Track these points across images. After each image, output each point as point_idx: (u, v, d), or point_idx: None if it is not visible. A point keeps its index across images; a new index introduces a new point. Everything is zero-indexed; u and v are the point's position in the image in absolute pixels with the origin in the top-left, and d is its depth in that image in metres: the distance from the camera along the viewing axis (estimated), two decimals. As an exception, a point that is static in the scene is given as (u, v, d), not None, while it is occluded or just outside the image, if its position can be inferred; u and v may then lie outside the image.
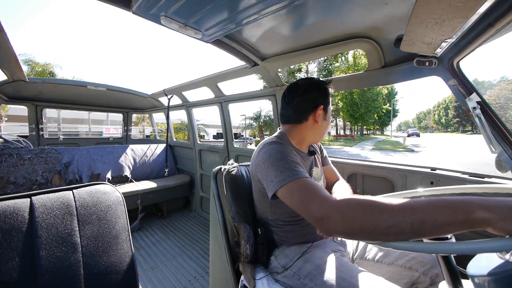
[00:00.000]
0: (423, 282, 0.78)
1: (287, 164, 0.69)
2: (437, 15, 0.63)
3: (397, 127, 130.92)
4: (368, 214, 0.46)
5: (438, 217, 0.41)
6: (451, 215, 0.40)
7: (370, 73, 1.28)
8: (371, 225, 0.45)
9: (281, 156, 0.71)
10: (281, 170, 0.67)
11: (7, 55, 1.50)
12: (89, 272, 0.65)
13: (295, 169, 0.66)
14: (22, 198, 0.63)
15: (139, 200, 2.53)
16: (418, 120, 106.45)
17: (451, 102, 74.77)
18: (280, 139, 0.84)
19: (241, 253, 0.97)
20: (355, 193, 1.54)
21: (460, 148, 18.78)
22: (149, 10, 0.91)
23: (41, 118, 3.19)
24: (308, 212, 0.56)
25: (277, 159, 0.71)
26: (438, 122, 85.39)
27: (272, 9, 0.88)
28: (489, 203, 0.39)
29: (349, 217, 0.48)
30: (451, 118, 73.82)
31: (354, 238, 0.50)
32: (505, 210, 0.38)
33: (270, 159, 0.73)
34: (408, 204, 0.44)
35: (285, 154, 0.72)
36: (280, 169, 0.68)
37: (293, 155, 0.75)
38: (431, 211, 0.42)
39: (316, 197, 0.57)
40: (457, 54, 0.89)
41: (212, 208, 1.08)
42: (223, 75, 1.99)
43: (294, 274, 0.81)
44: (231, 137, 2.49)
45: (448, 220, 0.41)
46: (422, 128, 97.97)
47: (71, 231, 0.65)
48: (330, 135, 27.86)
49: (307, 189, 0.60)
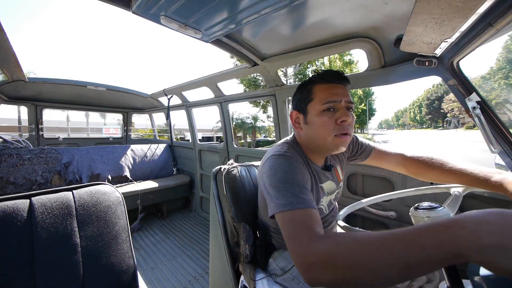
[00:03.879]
0: (419, 279, 0.78)
1: (291, 188, 0.61)
2: (437, 15, 0.63)
3: (378, 125, 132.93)
4: (353, 270, 0.39)
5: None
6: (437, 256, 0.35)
7: (370, 73, 1.28)
8: (355, 279, 0.40)
9: (286, 177, 0.63)
10: (283, 194, 0.60)
11: (7, 55, 1.50)
12: (89, 272, 0.65)
13: (297, 196, 0.59)
14: (21, 199, 0.63)
15: (139, 201, 2.53)
16: (397, 118, 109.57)
17: (424, 100, 77.54)
18: (290, 148, 0.75)
19: (241, 253, 0.97)
20: (354, 193, 1.54)
21: (419, 143, 21.05)
22: (149, 9, 0.91)
23: (40, 118, 3.19)
24: (294, 252, 0.49)
25: (281, 179, 0.63)
26: (414, 119, 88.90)
27: (272, 9, 0.88)
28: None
29: (332, 271, 0.41)
30: (424, 115, 76.71)
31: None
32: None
33: (274, 178, 0.64)
34: (398, 257, 0.37)
35: (291, 175, 0.63)
36: (282, 192, 0.61)
37: (300, 173, 0.65)
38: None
39: (305, 237, 0.49)
40: (457, 54, 0.89)
41: (212, 208, 1.08)
42: (223, 75, 1.99)
43: (294, 278, 0.80)
44: (231, 137, 2.49)
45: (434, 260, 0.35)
46: (400, 125, 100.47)
47: (71, 232, 0.65)
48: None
49: (300, 224, 0.53)
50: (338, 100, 0.69)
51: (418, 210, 0.55)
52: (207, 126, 22.83)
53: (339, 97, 0.70)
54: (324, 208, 0.83)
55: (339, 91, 0.71)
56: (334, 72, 0.74)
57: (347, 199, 1.51)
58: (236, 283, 0.98)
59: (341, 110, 0.70)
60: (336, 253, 0.41)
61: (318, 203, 0.79)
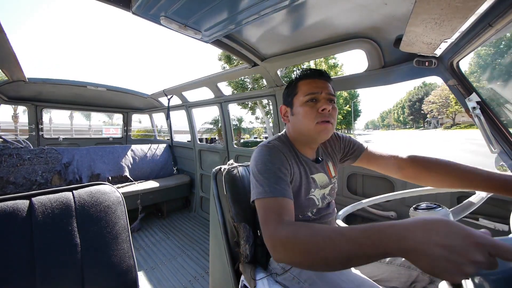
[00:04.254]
0: (421, 280, 0.78)
1: (267, 178, 0.68)
2: (436, 15, 0.64)
3: (365, 126, 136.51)
4: (304, 254, 0.49)
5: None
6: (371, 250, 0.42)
7: (370, 73, 1.28)
8: (307, 262, 0.50)
9: (265, 168, 0.70)
10: (260, 183, 0.68)
11: (7, 55, 1.50)
12: (89, 272, 0.65)
13: (271, 186, 0.66)
14: (21, 199, 0.63)
15: (139, 200, 2.53)
16: (382, 118, 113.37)
17: (406, 102, 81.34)
18: (278, 140, 0.82)
19: (241, 253, 0.97)
20: (356, 193, 1.54)
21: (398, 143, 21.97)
22: (149, 10, 0.91)
23: (41, 119, 3.19)
24: (264, 234, 0.58)
25: (260, 170, 0.70)
26: (398, 120, 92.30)
27: (272, 9, 0.88)
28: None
29: (289, 256, 0.52)
30: (407, 116, 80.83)
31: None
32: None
33: (255, 168, 0.72)
34: (339, 245, 0.45)
35: (270, 165, 0.70)
36: (259, 181, 0.68)
37: (281, 164, 0.72)
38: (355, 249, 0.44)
39: (272, 222, 0.58)
40: (456, 54, 0.89)
41: (212, 208, 1.08)
42: (223, 75, 1.99)
43: (294, 277, 0.80)
44: (231, 137, 2.49)
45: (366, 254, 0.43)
46: (385, 126, 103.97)
47: (71, 232, 0.65)
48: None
49: (271, 211, 0.61)
50: (319, 91, 0.77)
51: (417, 210, 0.55)
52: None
53: (320, 89, 0.77)
54: (316, 199, 0.85)
55: (320, 85, 0.79)
56: (316, 70, 0.82)
57: (347, 199, 1.51)
58: (236, 283, 0.98)
59: (322, 100, 0.77)
60: (294, 241, 0.51)
61: (308, 193, 0.83)
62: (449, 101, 46.83)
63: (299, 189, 0.80)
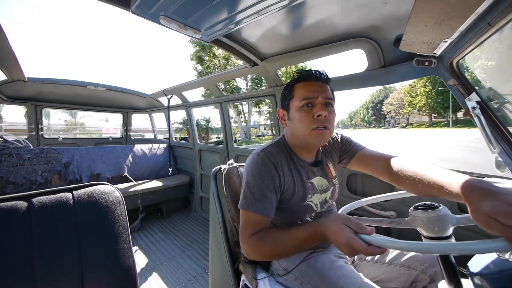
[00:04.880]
0: (422, 280, 0.78)
1: (254, 192, 0.75)
2: (436, 15, 0.63)
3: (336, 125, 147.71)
4: (267, 255, 0.75)
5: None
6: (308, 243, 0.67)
7: (369, 73, 1.28)
8: (271, 258, 0.81)
9: (254, 181, 0.76)
10: (246, 195, 0.77)
11: (6, 54, 1.50)
12: (88, 272, 0.65)
13: (255, 203, 0.75)
14: (21, 199, 0.63)
15: (139, 200, 2.53)
16: (350, 118, 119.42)
17: (370, 103, 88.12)
18: (274, 147, 0.83)
19: (241, 253, 0.97)
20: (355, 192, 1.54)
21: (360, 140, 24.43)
22: (149, 9, 0.91)
23: (40, 118, 3.19)
24: (240, 238, 0.77)
25: (249, 182, 0.77)
26: (363, 120, 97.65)
27: (272, 9, 0.88)
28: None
29: (258, 256, 0.75)
30: (370, 116, 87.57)
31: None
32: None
33: (247, 177, 0.78)
34: (281, 246, 0.70)
35: (259, 180, 0.75)
36: (246, 193, 0.77)
37: (269, 180, 0.76)
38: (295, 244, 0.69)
39: (245, 233, 0.75)
40: (456, 53, 0.89)
41: (212, 208, 1.08)
42: (223, 75, 1.99)
43: (297, 278, 0.80)
44: (230, 137, 2.49)
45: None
46: (353, 125, 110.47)
47: (71, 232, 0.65)
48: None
49: (245, 222, 0.76)
50: (315, 96, 0.75)
51: (417, 210, 0.55)
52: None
53: (316, 94, 0.75)
54: (314, 205, 0.84)
55: (316, 88, 0.76)
56: (313, 71, 0.80)
57: (347, 199, 1.51)
58: (236, 282, 0.98)
59: (318, 106, 0.75)
60: (258, 249, 0.73)
61: (305, 199, 0.82)
62: (403, 103, 49.36)
63: (292, 196, 0.80)
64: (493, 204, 0.40)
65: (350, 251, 0.52)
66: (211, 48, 18.24)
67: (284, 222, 0.85)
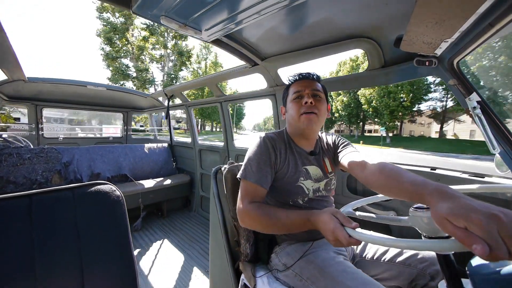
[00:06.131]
0: (422, 278, 0.78)
1: (250, 164, 0.86)
2: (437, 15, 0.63)
3: (253, 127, 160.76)
4: (260, 225, 0.79)
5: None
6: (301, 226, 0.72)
7: (370, 73, 1.28)
8: (262, 229, 0.80)
9: (253, 156, 0.88)
10: (245, 167, 0.87)
11: (7, 54, 1.50)
12: (88, 272, 0.65)
13: (251, 171, 0.85)
14: (21, 198, 0.63)
15: (140, 199, 2.53)
16: (264, 123, 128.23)
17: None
18: (274, 133, 0.97)
19: (241, 252, 0.97)
20: (354, 192, 1.54)
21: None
22: (149, 10, 0.91)
23: (40, 118, 3.19)
24: (237, 206, 0.83)
25: (249, 157, 0.89)
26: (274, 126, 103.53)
27: (272, 9, 0.87)
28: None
29: (251, 223, 0.80)
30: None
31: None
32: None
33: (247, 154, 0.90)
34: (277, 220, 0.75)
35: (259, 154, 0.88)
36: (245, 165, 0.88)
37: (267, 154, 0.88)
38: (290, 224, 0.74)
39: (244, 200, 0.82)
40: (457, 54, 0.89)
41: (212, 208, 1.08)
42: (223, 75, 1.99)
43: (296, 274, 0.81)
44: (231, 137, 2.49)
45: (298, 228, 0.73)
46: (266, 129, 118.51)
47: (71, 231, 0.65)
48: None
49: (244, 191, 0.84)
50: (303, 90, 0.92)
51: (417, 210, 0.55)
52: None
53: (304, 88, 0.92)
54: (306, 188, 0.91)
55: (305, 84, 0.93)
56: (304, 73, 0.97)
57: (347, 199, 1.51)
58: (236, 282, 0.98)
59: (306, 96, 0.90)
60: (254, 216, 0.78)
61: (297, 181, 0.91)
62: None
63: (285, 175, 0.90)
64: (448, 206, 0.42)
65: (334, 239, 0.59)
66: (124, 33, 17.29)
67: (277, 201, 0.93)
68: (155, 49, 20.13)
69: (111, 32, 17.28)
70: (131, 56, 18.60)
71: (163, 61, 20.83)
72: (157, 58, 20.35)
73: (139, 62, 18.99)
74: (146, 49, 18.44)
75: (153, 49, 20.03)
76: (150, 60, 20.07)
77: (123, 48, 18.04)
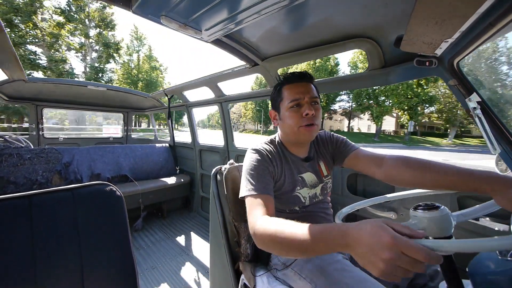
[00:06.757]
0: (421, 278, 0.78)
1: (250, 179, 0.79)
2: (437, 15, 0.63)
3: (197, 124, 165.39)
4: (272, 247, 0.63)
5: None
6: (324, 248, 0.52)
7: (370, 73, 1.28)
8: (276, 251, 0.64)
9: (251, 169, 0.81)
10: (246, 183, 0.80)
11: (7, 54, 1.50)
12: (88, 272, 0.65)
13: (253, 184, 0.78)
14: (22, 199, 0.63)
15: (140, 199, 2.53)
16: (208, 119, 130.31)
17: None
18: (267, 143, 0.92)
19: (242, 252, 0.97)
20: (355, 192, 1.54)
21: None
22: (149, 9, 0.91)
23: (41, 118, 3.19)
24: (250, 228, 0.70)
25: (246, 172, 0.82)
26: (217, 122, 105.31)
27: (272, 9, 0.87)
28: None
29: (262, 244, 0.65)
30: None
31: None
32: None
33: (244, 169, 0.84)
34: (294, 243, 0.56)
35: (257, 166, 0.81)
36: (245, 181, 0.81)
37: (262, 167, 0.82)
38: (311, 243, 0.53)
39: (254, 216, 0.71)
40: (457, 54, 0.89)
41: (212, 208, 1.08)
42: (223, 75, 1.99)
43: (295, 273, 0.81)
44: (231, 137, 2.49)
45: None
46: (210, 126, 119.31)
47: (71, 232, 0.65)
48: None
49: (253, 206, 0.74)
50: (301, 97, 0.83)
51: (417, 210, 0.55)
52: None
53: (303, 95, 0.83)
54: (302, 197, 0.90)
55: (302, 89, 0.84)
56: (297, 73, 0.87)
57: (347, 199, 1.51)
58: (236, 282, 0.98)
59: (305, 105, 0.83)
60: (264, 234, 0.63)
61: (294, 191, 0.88)
62: (242, 113, 58.30)
63: (282, 186, 0.87)
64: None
65: (391, 257, 0.38)
66: (31, 16, 13.27)
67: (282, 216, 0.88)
68: (73, 36, 16.19)
69: (11, 13, 13.10)
70: (42, 44, 14.64)
71: (84, 50, 17.06)
72: (76, 47, 16.47)
73: (52, 51, 14.90)
74: (62, 37, 14.78)
75: (72, 36, 16.04)
76: (67, 48, 16.04)
77: (29, 33, 13.83)
